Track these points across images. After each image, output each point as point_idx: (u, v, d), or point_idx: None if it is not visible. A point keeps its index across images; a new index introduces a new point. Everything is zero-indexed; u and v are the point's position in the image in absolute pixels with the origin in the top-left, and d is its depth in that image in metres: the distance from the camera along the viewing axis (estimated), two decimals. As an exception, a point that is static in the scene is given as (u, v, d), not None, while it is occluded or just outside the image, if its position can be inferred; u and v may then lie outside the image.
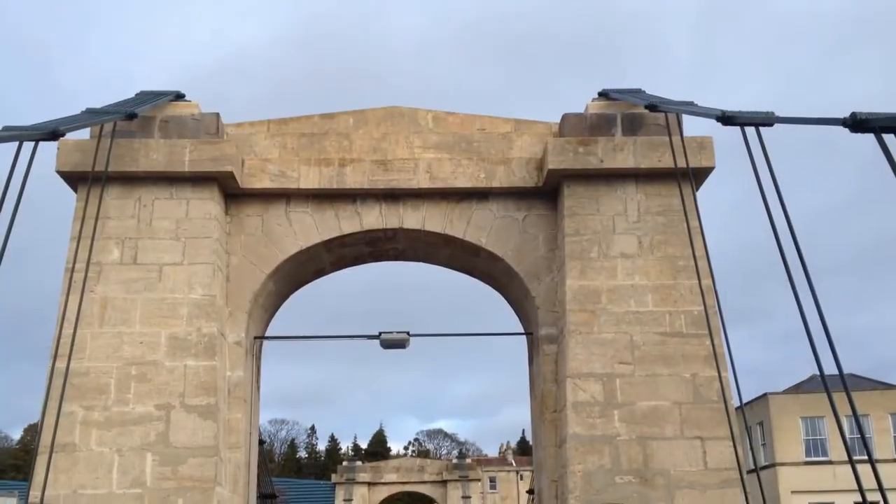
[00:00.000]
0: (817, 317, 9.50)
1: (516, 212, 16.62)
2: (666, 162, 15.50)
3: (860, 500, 9.52)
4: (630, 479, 14.33)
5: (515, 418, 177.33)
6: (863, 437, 9.38)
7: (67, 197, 15.64)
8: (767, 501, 12.72)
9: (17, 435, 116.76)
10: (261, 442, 27.46)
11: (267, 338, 17.85)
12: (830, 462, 43.40)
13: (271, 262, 16.24)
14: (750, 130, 11.09)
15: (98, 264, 14.89)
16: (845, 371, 9.50)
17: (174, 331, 14.81)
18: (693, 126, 15.84)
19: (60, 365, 13.28)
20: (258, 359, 17.38)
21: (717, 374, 14.18)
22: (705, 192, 16.12)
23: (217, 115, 16.19)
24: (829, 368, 9.72)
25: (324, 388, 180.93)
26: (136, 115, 14.69)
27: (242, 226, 16.37)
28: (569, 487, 14.33)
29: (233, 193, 16.25)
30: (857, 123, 8.38)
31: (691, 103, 14.57)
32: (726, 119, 11.41)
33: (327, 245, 16.68)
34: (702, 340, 14.89)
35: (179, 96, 16.45)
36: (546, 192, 16.46)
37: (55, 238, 15.12)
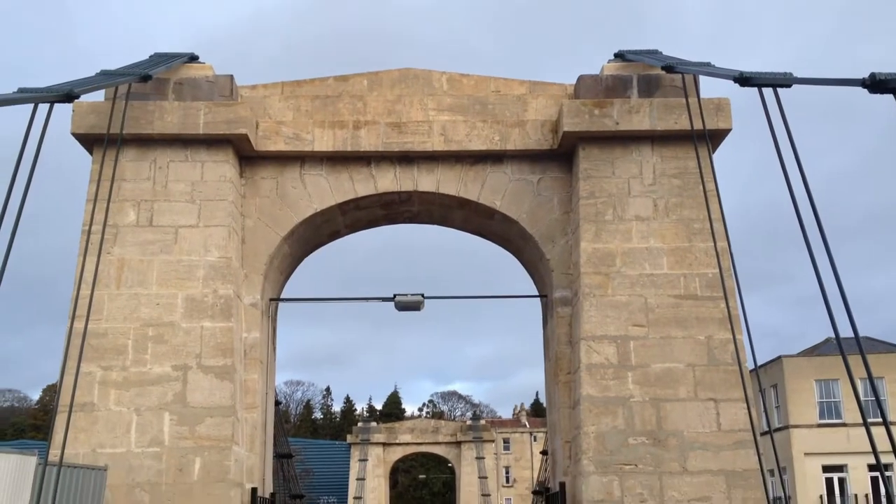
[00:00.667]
0: (833, 279, 9.47)
1: (531, 174, 16.57)
2: (682, 124, 15.39)
3: (874, 462, 9.54)
4: (643, 440, 14.41)
5: (529, 381, 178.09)
6: (878, 400, 9.38)
7: (84, 160, 15.72)
8: (780, 463, 12.78)
9: (36, 396, 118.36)
10: (277, 403, 27.70)
11: (282, 300, 17.95)
12: (844, 424, 43.46)
13: (286, 225, 16.28)
14: (767, 92, 10.98)
15: (114, 226, 14.97)
16: (860, 334, 9.48)
17: (191, 292, 14.92)
18: (710, 88, 15.81)
19: (78, 326, 13.40)
20: (274, 320, 17.50)
21: (731, 337, 14.19)
22: (721, 155, 16.06)
23: (231, 77, 16.16)
24: (845, 331, 9.71)
25: (339, 351, 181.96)
26: (150, 77, 14.68)
27: (257, 188, 16.40)
28: (582, 448, 14.43)
29: (247, 156, 16.27)
30: (875, 84, 8.29)
31: (708, 64, 14.43)
32: (744, 80, 11.29)
33: (342, 208, 16.70)
34: (716, 303, 14.89)
35: (193, 58, 16.41)
36: (561, 154, 16.39)
37: (73, 201, 15.23)
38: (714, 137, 15.46)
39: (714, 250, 14.46)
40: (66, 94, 11.80)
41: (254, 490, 15.03)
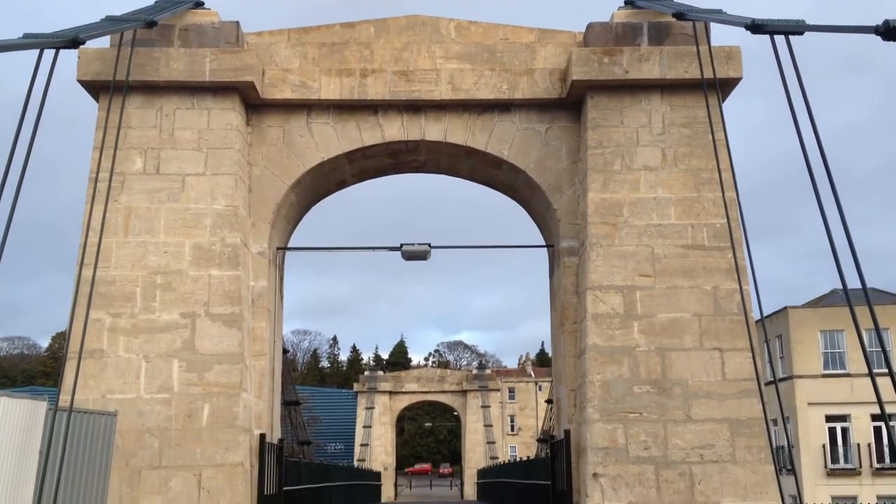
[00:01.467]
0: (842, 230, 9.44)
1: (539, 123, 16.47)
2: (692, 73, 15.25)
3: (876, 412, 9.61)
4: (648, 389, 14.52)
5: (535, 331, 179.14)
6: (883, 350, 9.40)
7: (92, 107, 15.65)
8: (784, 413, 12.89)
9: (45, 343, 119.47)
10: (284, 351, 27.92)
11: (289, 249, 17.98)
12: (848, 375, 43.70)
13: (293, 174, 16.25)
14: (780, 41, 10.85)
15: (121, 174, 14.97)
16: (868, 285, 9.47)
17: (198, 241, 14.96)
18: (720, 36, 15.59)
19: (87, 273, 13.46)
20: (281, 269, 17.56)
21: (738, 287, 14.21)
22: (731, 105, 15.92)
23: (237, 23, 16.01)
24: (853, 283, 9.72)
25: (346, 301, 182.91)
26: (155, 23, 14.55)
27: (264, 137, 16.33)
28: (587, 396, 14.55)
29: (253, 104, 16.18)
30: (889, 31, 8.18)
31: (720, 11, 14.24)
32: (755, 27, 11.15)
33: (349, 157, 16.64)
34: (724, 253, 14.89)
35: (198, 4, 16.24)
36: (569, 103, 16.27)
37: (84, 149, 15.18)
38: (724, 86, 15.32)
39: (722, 200, 14.41)
40: (72, 39, 11.71)
41: (262, 436, 15.21)
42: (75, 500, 12.20)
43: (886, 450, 43.14)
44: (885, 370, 9.22)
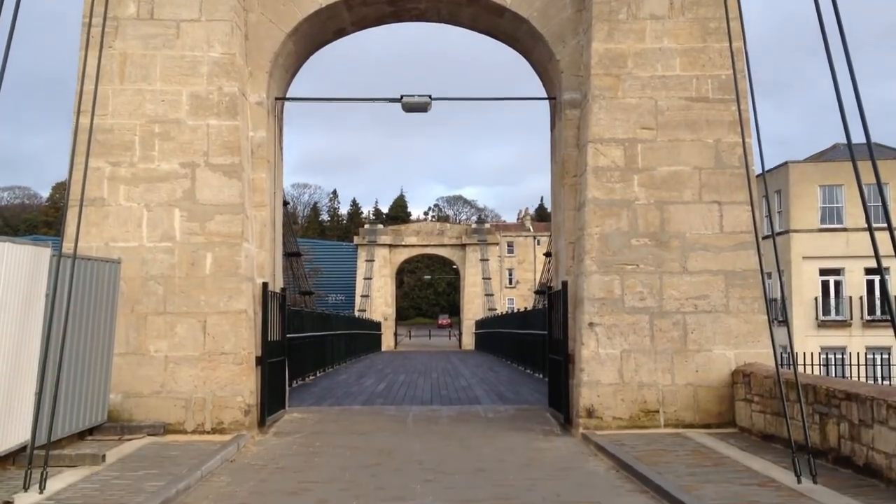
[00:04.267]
0: (850, 84, 9.29)
1: (543, -31, 15.93)
2: (704, -85, 14.65)
3: (870, 266, 9.69)
4: (646, 242, 14.66)
5: (537, 187, 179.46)
6: (883, 205, 9.42)
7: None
8: (779, 266, 13.03)
9: (46, 193, 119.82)
10: (284, 203, 28.00)
11: (288, 99, 17.75)
12: (845, 229, 44.10)
13: (290, 21, 15.84)
14: None
15: (115, 19, 14.60)
16: (870, 140, 9.38)
17: (195, 89, 14.75)
18: None
19: (84, 121, 13.33)
20: (280, 120, 17.39)
21: (740, 140, 14.11)
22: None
23: None
24: (857, 138, 9.64)
25: (347, 156, 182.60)
26: None
27: (259, -19, 15.83)
28: (585, 249, 14.70)
29: (248, -54, 15.61)
30: None
31: None
32: None
33: (347, 3, 16.18)
34: (728, 105, 14.73)
35: None
36: (575, -53, 15.70)
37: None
38: (736, -69, 14.74)
39: (729, 51, 14.12)
40: None
41: (264, 284, 15.45)
42: (83, 344, 12.52)
43: (878, 302, 43.99)
44: (884, 225, 9.27)
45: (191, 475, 10.63)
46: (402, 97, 16.99)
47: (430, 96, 17.00)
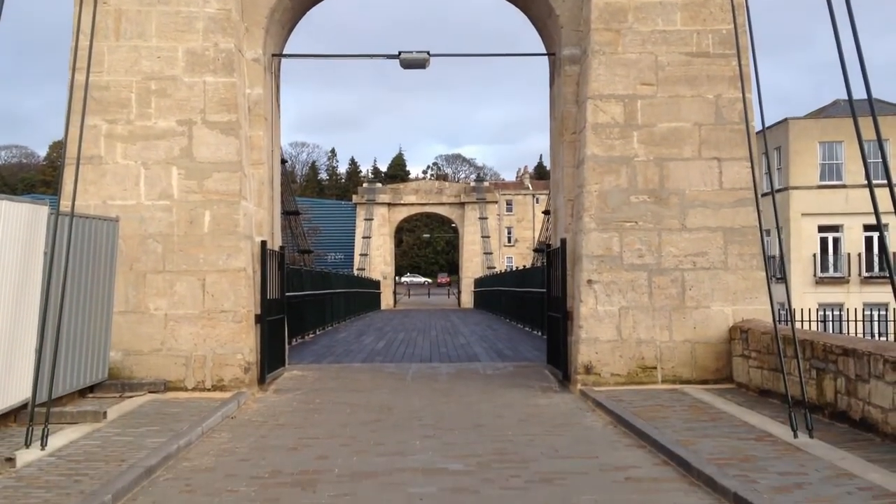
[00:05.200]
0: (852, 40, 9.19)
1: (543, -78, 15.72)
2: None
3: (869, 222, 9.65)
4: (645, 199, 14.63)
5: (535, 146, 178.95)
6: (884, 161, 9.36)
7: None
8: (778, 223, 12.99)
9: (43, 152, 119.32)
10: (282, 162, 27.85)
11: (285, 55, 17.59)
12: (844, 186, 44.02)
13: (286, -25, 15.65)
14: None
15: (108, -26, 14.41)
16: (872, 95, 9.31)
17: (191, 45, 14.61)
18: None
19: (80, 78, 13.22)
20: (277, 77, 17.25)
21: (741, 96, 14.01)
22: None
23: None
24: (858, 94, 9.56)
25: (346, 114, 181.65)
26: None
27: (255, -65, 15.60)
28: (584, 206, 14.67)
29: None
30: None
31: None
32: None
33: (344, -43, 15.98)
34: (728, 61, 14.62)
35: None
36: None
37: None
38: None
39: (730, 4, 13.97)
40: None
41: (263, 243, 15.44)
42: (82, 302, 12.53)
43: (876, 259, 44.06)
44: (884, 181, 9.23)
45: (192, 431, 10.71)
46: (399, 53, 16.85)
47: (428, 52, 16.85)
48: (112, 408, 12.22)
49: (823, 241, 45.58)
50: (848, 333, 25.56)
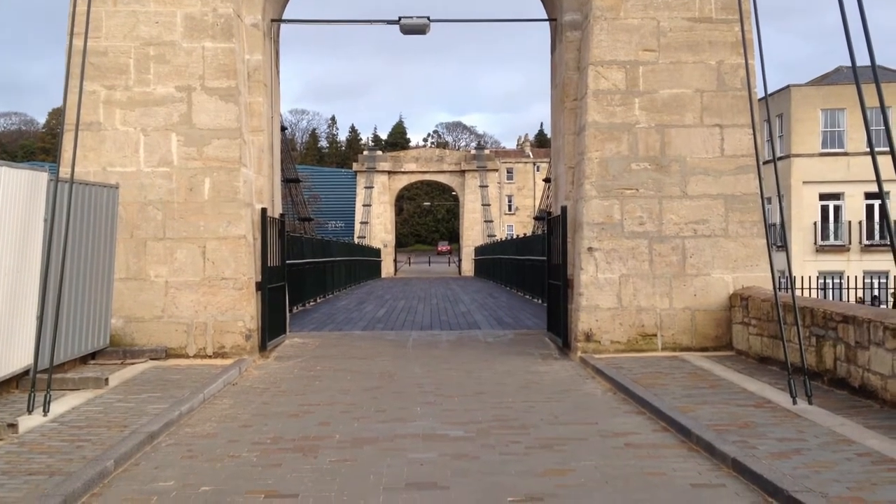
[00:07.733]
0: (855, 4, 9.11)
1: None
2: None
3: (870, 190, 9.62)
4: (646, 166, 14.58)
5: (536, 114, 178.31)
6: (886, 128, 9.31)
7: None
8: (779, 191, 12.97)
9: (43, 119, 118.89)
10: (282, 129, 27.77)
11: (284, 21, 17.45)
12: (846, 154, 43.86)
13: (285, -61, 15.48)
14: None
15: (105, -62, 14.26)
16: (875, 63, 9.25)
17: (189, 10, 14.49)
18: None
19: (78, 43, 13.12)
20: (276, 43, 17.12)
21: (743, 62, 13.92)
22: None
23: None
24: (862, 61, 9.50)
25: (347, 82, 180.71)
26: None
27: None
28: (585, 173, 14.62)
29: None
30: None
31: None
32: None
33: (343, -79, 15.80)
34: (731, 26, 14.50)
35: None
36: None
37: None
38: None
39: (733, -31, 13.85)
40: None
41: (263, 210, 15.41)
42: (83, 268, 12.54)
43: (877, 227, 44.00)
44: (886, 149, 9.18)
45: (193, 398, 10.75)
46: (399, 19, 16.72)
47: (428, 18, 16.72)
48: (114, 374, 12.27)
49: (824, 209, 45.48)
50: (848, 301, 25.57)
